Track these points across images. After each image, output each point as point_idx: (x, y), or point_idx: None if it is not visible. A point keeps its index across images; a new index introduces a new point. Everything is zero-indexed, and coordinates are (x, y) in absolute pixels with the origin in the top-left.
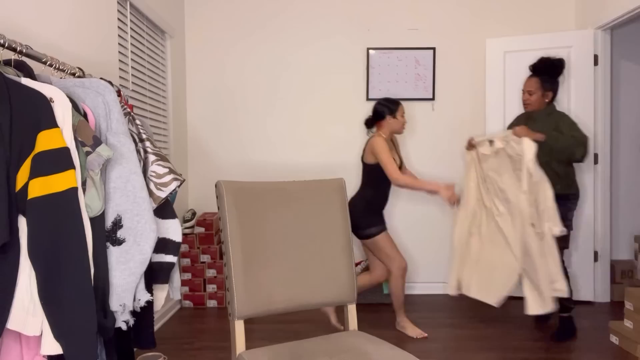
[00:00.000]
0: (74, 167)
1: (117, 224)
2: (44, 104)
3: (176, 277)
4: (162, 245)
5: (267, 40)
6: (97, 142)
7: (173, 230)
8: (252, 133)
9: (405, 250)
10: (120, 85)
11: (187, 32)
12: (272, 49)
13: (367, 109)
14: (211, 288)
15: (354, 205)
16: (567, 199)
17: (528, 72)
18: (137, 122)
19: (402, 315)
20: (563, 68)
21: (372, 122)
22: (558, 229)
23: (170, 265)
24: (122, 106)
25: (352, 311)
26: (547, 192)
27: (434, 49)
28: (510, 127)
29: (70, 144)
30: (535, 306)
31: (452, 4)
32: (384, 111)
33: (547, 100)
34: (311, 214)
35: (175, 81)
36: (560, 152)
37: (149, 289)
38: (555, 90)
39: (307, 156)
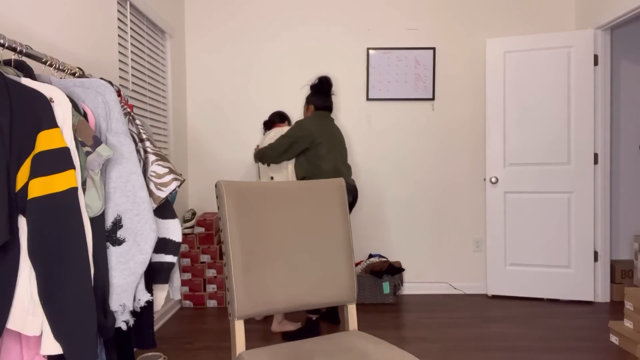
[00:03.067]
0: (74, 167)
1: (117, 224)
2: (44, 104)
3: (176, 277)
4: (162, 245)
5: (267, 40)
6: (97, 142)
7: (173, 230)
8: (252, 133)
9: (406, 251)
10: (120, 85)
11: (187, 32)
12: (272, 49)
13: (367, 109)
14: (211, 288)
15: None
16: None
17: (528, 72)
18: (137, 122)
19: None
20: (319, 87)
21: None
22: None
23: (170, 265)
24: (122, 106)
25: (352, 311)
26: None
27: (434, 49)
28: None
29: (70, 144)
30: None
31: (452, 4)
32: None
33: (309, 112)
34: (311, 214)
35: (175, 81)
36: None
37: (149, 289)
38: (315, 104)
39: None
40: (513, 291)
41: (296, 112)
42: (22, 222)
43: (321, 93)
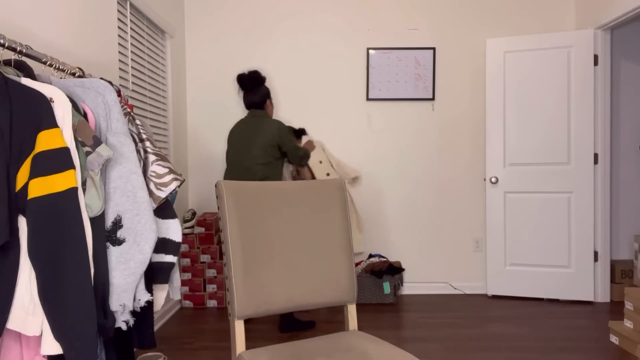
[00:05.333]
0: (74, 167)
1: (117, 224)
2: (44, 104)
3: (176, 277)
4: (162, 245)
5: (267, 40)
6: (97, 142)
7: (173, 230)
8: None
9: (406, 251)
10: (120, 85)
11: (187, 32)
12: (272, 49)
13: (367, 109)
14: (211, 288)
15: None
16: None
17: (528, 72)
18: (137, 122)
19: None
20: (239, 85)
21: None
22: None
23: (170, 265)
24: (122, 106)
25: (352, 311)
26: None
27: (434, 49)
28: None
29: (70, 144)
30: None
31: (452, 4)
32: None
33: None
34: (311, 214)
35: (175, 81)
36: None
37: (149, 289)
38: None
39: None
40: (513, 291)
41: (296, 112)
42: (22, 222)
43: (243, 91)
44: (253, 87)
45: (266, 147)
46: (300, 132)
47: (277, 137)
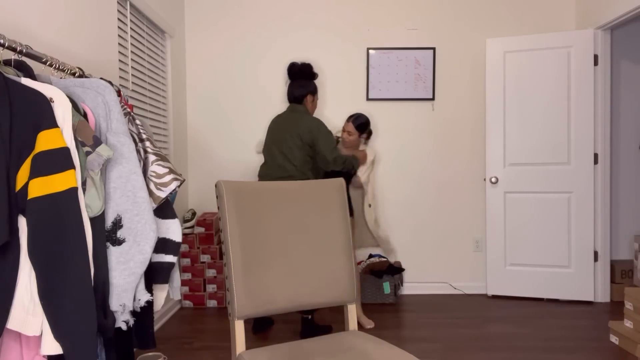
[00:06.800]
0: (74, 167)
1: (117, 224)
2: (44, 104)
3: (176, 277)
4: (162, 245)
5: (267, 40)
6: (97, 142)
7: (173, 230)
8: (252, 133)
9: (407, 251)
10: (120, 85)
11: (187, 32)
12: (272, 49)
13: (367, 109)
14: (211, 288)
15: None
16: None
17: (528, 72)
18: (137, 122)
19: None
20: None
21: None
22: None
23: (170, 265)
24: (122, 106)
25: (352, 311)
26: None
27: (434, 49)
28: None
29: (70, 144)
30: None
31: (452, 4)
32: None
33: None
34: (311, 214)
35: (175, 81)
36: None
37: (149, 289)
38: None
39: None
40: (513, 291)
41: None
42: (22, 222)
43: (290, 81)
44: (299, 79)
45: (299, 144)
46: (366, 126)
47: (311, 135)
